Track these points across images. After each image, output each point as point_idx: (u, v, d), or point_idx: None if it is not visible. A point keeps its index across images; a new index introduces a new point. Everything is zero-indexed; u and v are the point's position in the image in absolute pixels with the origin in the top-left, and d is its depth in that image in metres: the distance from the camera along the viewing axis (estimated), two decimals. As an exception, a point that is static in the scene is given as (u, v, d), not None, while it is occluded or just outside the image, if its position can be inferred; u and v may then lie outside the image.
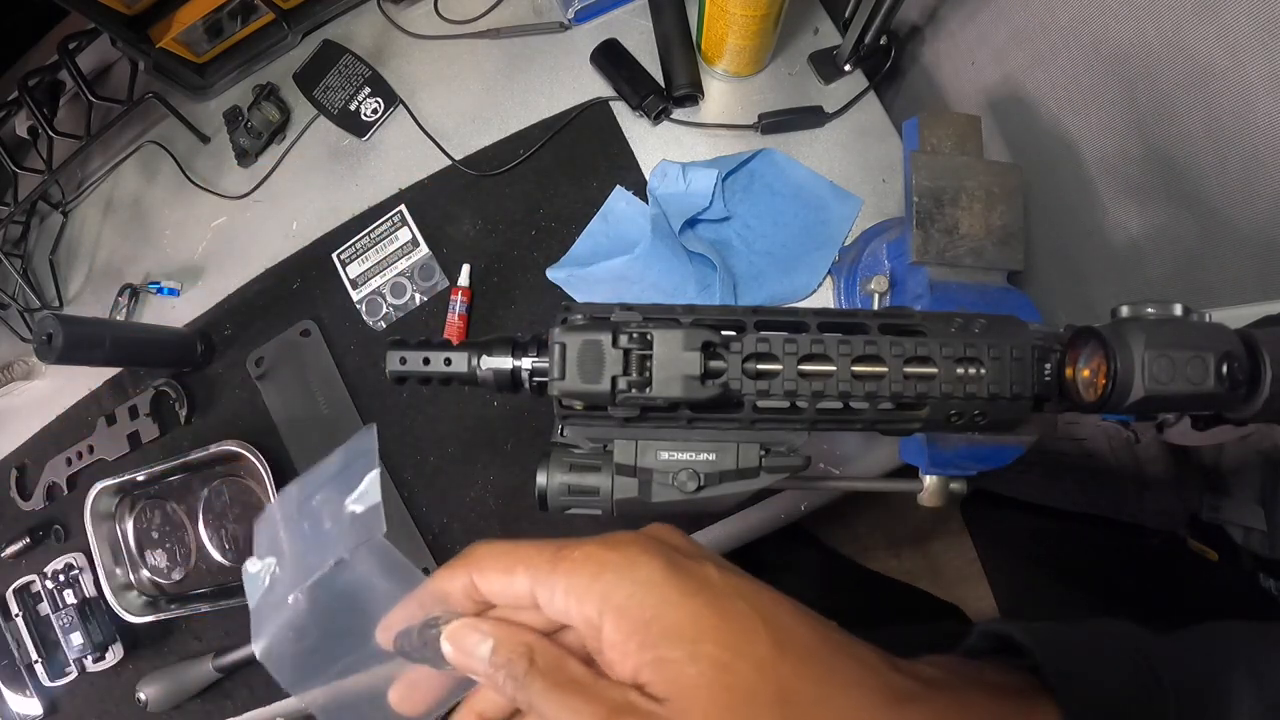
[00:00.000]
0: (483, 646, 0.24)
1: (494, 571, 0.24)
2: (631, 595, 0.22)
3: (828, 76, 0.70)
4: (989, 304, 0.46)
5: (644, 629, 0.21)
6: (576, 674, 0.23)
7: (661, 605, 0.22)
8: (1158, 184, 0.50)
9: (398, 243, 0.74)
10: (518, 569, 0.24)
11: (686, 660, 0.21)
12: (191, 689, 0.70)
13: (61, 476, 0.79)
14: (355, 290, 0.74)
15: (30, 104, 0.77)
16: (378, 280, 0.74)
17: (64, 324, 0.62)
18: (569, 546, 0.24)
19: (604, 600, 0.22)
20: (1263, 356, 0.26)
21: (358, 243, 0.75)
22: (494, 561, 0.25)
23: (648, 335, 0.28)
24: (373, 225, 0.75)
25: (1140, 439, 0.65)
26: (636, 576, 0.22)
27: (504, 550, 0.25)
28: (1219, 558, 0.64)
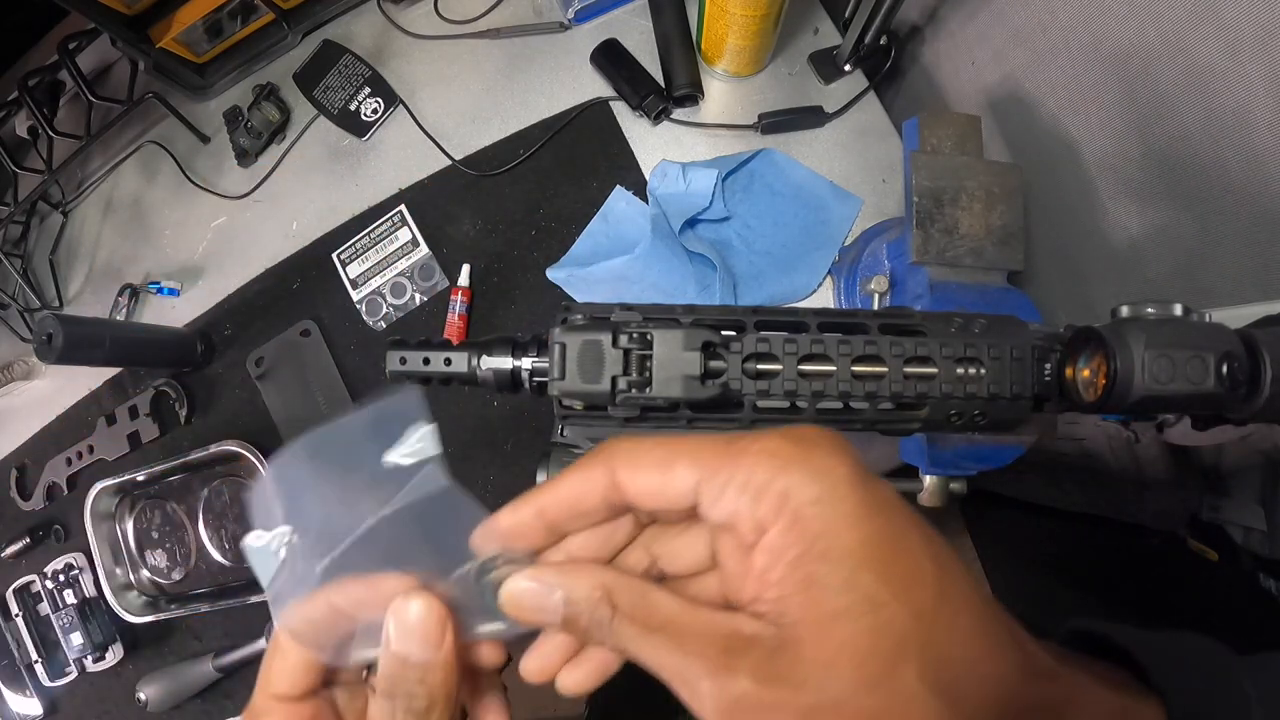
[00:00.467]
0: (553, 597, 0.21)
1: (649, 466, 0.21)
2: (814, 501, 0.19)
3: (828, 76, 0.70)
4: (989, 304, 0.46)
5: (810, 541, 0.19)
6: (669, 610, 0.20)
7: (835, 520, 0.19)
8: (1158, 184, 0.50)
9: (398, 243, 0.74)
10: (679, 463, 0.20)
11: (840, 587, 0.18)
12: (191, 689, 0.70)
13: (61, 476, 0.79)
14: (355, 290, 0.74)
15: (30, 104, 0.77)
16: (378, 280, 0.74)
17: (64, 324, 0.62)
18: (742, 439, 0.20)
19: (783, 501, 0.19)
20: (1263, 356, 0.26)
21: (358, 243, 0.75)
22: (647, 457, 0.21)
23: (648, 335, 0.28)
24: (373, 225, 0.75)
25: (1140, 439, 0.65)
26: (822, 482, 0.19)
27: (656, 444, 0.21)
28: (1219, 558, 0.64)
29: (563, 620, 0.21)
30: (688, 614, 0.20)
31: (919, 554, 0.19)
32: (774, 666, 0.18)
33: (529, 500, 0.22)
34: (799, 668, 0.18)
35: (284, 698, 0.25)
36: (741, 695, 0.18)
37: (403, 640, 0.22)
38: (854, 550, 0.19)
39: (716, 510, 0.20)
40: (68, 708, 0.77)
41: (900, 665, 0.18)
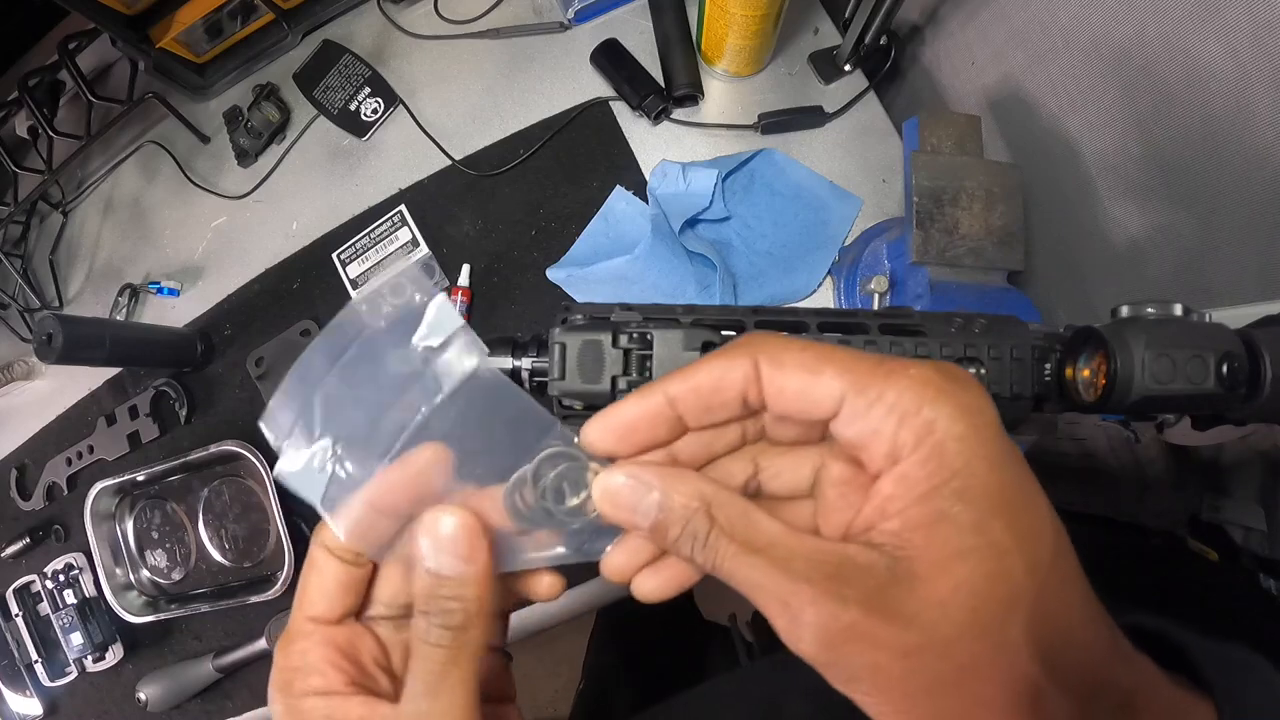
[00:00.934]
0: (648, 498, 0.20)
1: (795, 366, 0.20)
2: (959, 438, 0.18)
3: (828, 76, 0.70)
4: (989, 304, 0.46)
5: (948, 476, 0.18)
6: (771, 532, 0.19)
7: (976, 460, 0.18)
8: (1158, 183, 0.50)
9: (398, 243, 0.74)
10: (828, 369, 0.19)
11: (970, 529, 0.18)
12: (191, 689, 0.70)
13: (61, 476, 0.79)
14: (355, 290, 0.74)
15: (30, 104, 0.77)
16: (378, 280, 0.73)
17: (64, 324, 0.62)
18: (892, 361, 0.19)
19: (928, 431, 0.18)
20: (1263, 356, 0.26)
21: (358, 243, 0.75)
22: (797, 355, 0.20)
23: (648, 335, 0.28)
24: (373, 225, 0.75)
25: (1140, 439, 0.65)
26: (973, 419, 0.18)
27: (805, 345, 0.20)
28: (1219, 558, 0.64)
29: (653, 526, 0.20)
30: (793, 538, 0.19)
31: (1045, 512, 0.19)
32: (885, 599, 0.18)
33: (658, 387, 0.21)
34: (911, 603, 0.18)
35: (321, 620, 0.24)
36: (850, 625, 0.18)
37: (436, 555, 0.22)
38: (991, 494, 0.18)
39: (856, 427, 0.19)
40: (68, 708, 0.77)
41: (1011, 616, 0.18)
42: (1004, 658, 0.17)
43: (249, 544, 0.72)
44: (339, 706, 0.23)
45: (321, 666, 0.23)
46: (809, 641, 0.18)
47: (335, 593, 0.24)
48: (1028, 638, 0.18)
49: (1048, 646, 0.18)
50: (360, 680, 0.24)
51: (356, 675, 0.24)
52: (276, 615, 0.67)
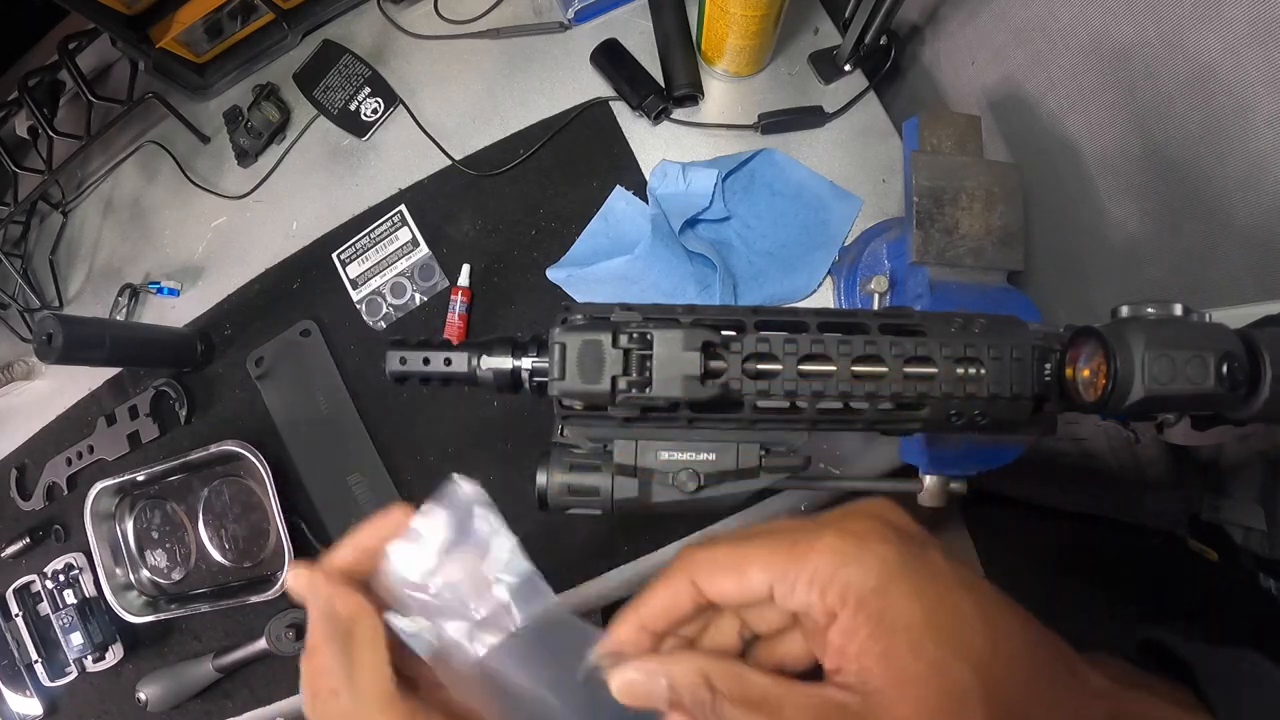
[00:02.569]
0: (659, 684, 0.25)
1: (724, 574, 0.25)
2: (874, 589, 0.22)
3: (828, 76, 0.70)
4: (989, 304, 0.46)
5: (877, 621, 0.22)
6: (763, 687, 0.24)
7: (897, 600, 0.22)
8: (1158, 184, 0.50)
9: (397, 243, 0.74)
10: (751, 568, 0.24)
11: (911, 656, 0.21)
12: (191, 689, 0.70)
13: (61, 476, 0.79)
14: (355, 290, 0.74)
15: (30, 104, 0.77)
16: (377, 280, 0.74)
17: (64, 324, 0.62)
18: (804, 537, 0.24)
19: (846, 591, 0.22)
20: (1263, 356, 0.26)
21: (357, 243, 0.75)
22: (723, 564, 0.25)
23: (648, 335, 0.28)
24: (372, 225, 0.75)
25: (1140, 439, 0.65)
26: (879, 570, 0.23)
27: (729, 552, 0.25)
28: (1219, 558, 0.64)
29: (672, 703, 0.24)
30: (781, 687, 0.23)
31: (969, 614, 0.22)
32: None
33: (630, 617, 0.27)
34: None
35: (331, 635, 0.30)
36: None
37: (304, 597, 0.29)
38: (916, 624, 0.22)
39: (790, 603, 0.24)
40: (68, 708, 0.77)
41: (970, 715, 0.21)
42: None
43: (249, 544, 0.72)
44: None
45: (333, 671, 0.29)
46: None
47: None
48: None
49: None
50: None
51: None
52: (276, 615, 0.67)
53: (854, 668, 0.22)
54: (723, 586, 0.25)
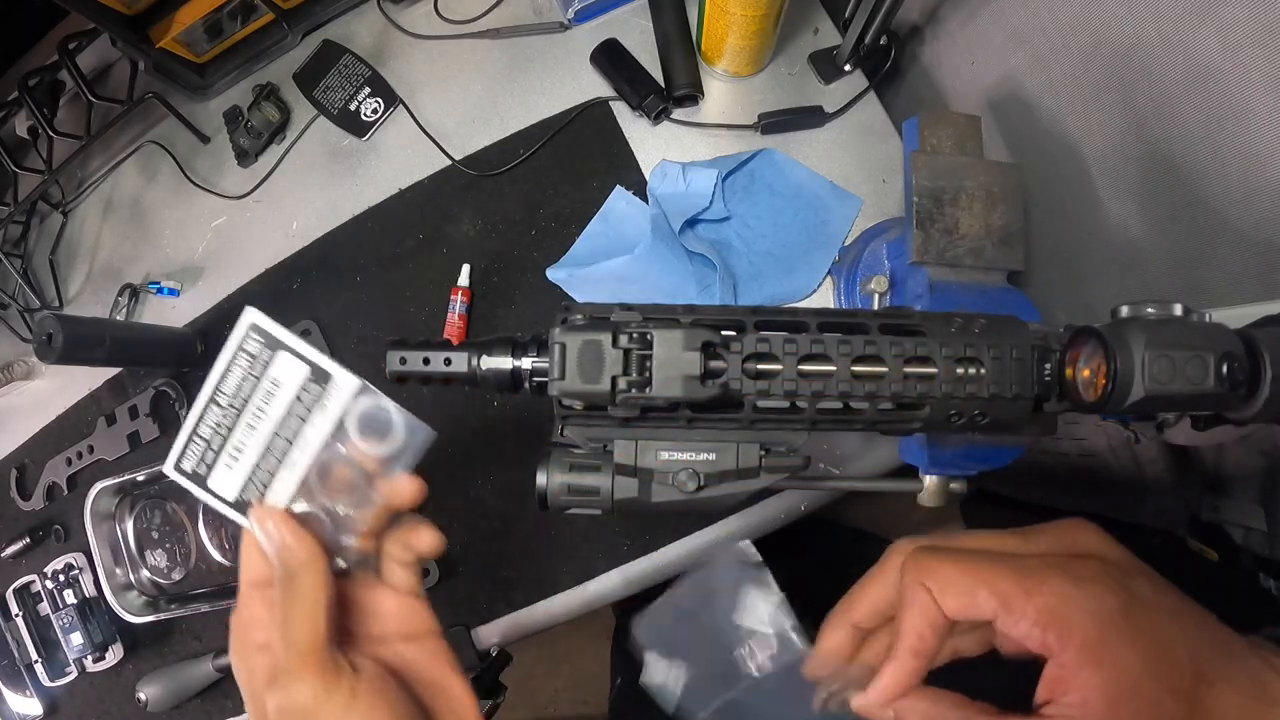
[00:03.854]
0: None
1: (956, 593, 0.26)
2: (1097, 637, 0.24)
3: (828, 76, 0.70)
4: (989, 304, 0.46)
5: (1098, 664, 0.24)
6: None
7: (1118, 645, 0.24)
8: (1158, 184, 0.50)
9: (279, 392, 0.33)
10: (981, 593, 0.26)
11: (1129, 697, 0.24)
12: (191, 689, 0.70)
13: (61, 476, 0.79)
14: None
15: (30, 104, 0.77)
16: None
17: (64, 324, 0.62)
18: (1031, 572, 0.26)
19: (1069, 633, 0.25)
20: (1263, 356, 0.26)
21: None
22: (955, 583, 0.27)
23: (648, 335, 0.28)
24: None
25: (1140, 439, 0.65)
26: (1102, 618, 0.25)
27: (963, 571, 0.27)
28: (1219, 558, 0.64)
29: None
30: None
31: (1178, 649, 0.25)
32: None
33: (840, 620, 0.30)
34: None
35: (258, 583, 0.31)
36: None
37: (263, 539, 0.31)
38: (1135, 668, 0.24)
39: (1013, 632, 0.26)
40: (68, 708, 0.77)
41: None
42: None
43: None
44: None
45: (264, 623, 0.30)
46: None
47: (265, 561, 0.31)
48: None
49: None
50: None
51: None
52: (276, 615, 0.67)
53: (1075, 701, 0.24)
54: (951, 604, 0.26)
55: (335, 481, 0.31)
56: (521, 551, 0.67)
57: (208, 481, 0.31)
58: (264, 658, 0.29)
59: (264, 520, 0.30)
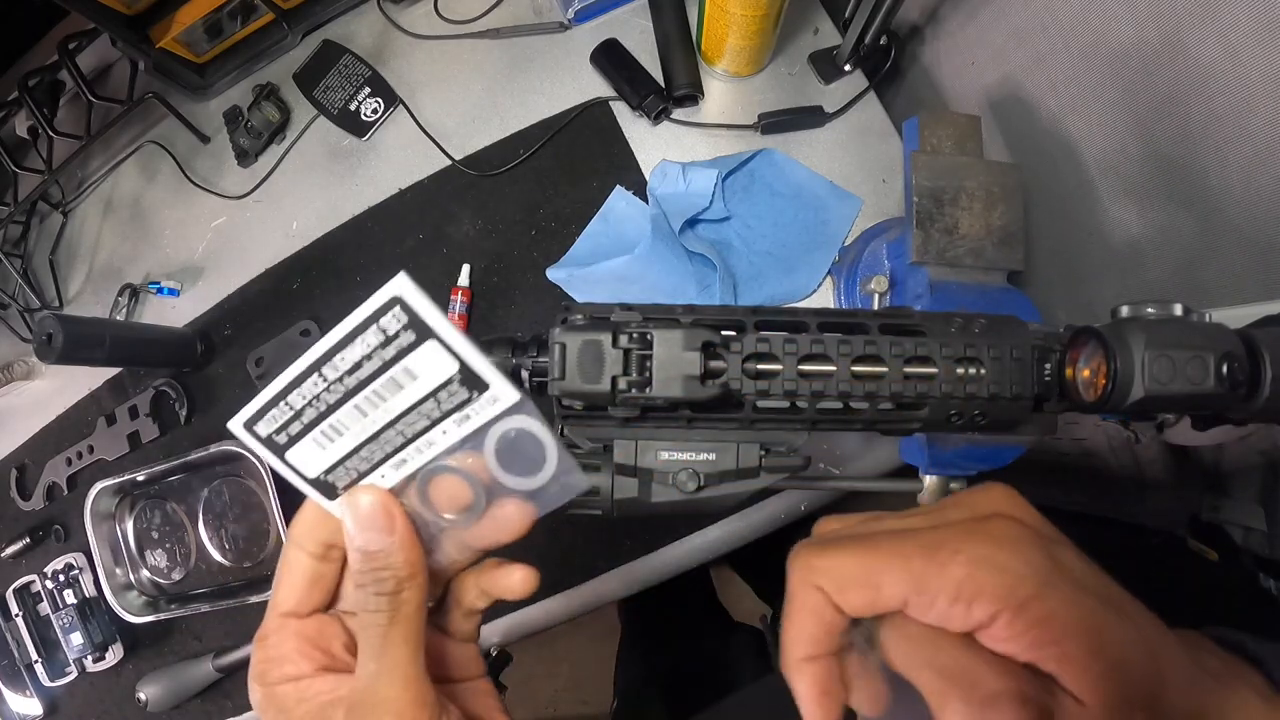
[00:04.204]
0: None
1: (855, 589, 0.23)
2: (1034, 595, 0.21)
3: (828, 76, 0.70)
4: (989, 304, 0.46)
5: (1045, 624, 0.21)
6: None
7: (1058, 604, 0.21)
8: (1158, 184, 0.50)
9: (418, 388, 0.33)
10: (885, 580, 0.22)
11: (1089, 659, 0.20)
12: (191, 689, 0.70)
13: (61, 476, 0.79)
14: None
15: (30, 104, 0.77)
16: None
17: (64, 324, 0.62)
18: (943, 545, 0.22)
19: (1002, 599, 0.21)
20: (1263, 356, 0.26)
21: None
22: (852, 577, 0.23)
23: (648, 335, 0.28)
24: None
25: (1140, 439, 0.65)
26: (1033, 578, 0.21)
27: (857, 562, 0.23)
28: (1219, 558, 0.64)
29: None
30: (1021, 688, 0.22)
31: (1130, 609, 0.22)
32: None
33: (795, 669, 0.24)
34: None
35: (291, 614, 0.27)
36: None
37: (360, 533, 0.25)
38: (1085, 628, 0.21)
39: (926, 616, 0.22)
40: (68, 708, 0.77)
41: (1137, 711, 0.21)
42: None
43: (249, 544, 0.72)
44: (308, 687, 0.26)
45: (294, 656, 0.26)
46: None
47: (304, 589, 0.27)
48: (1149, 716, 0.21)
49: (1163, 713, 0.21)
50: (329, 665, 0.27)
51: (326, 661, 0.27)
52: (276, 615, 0.67)
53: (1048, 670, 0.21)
54: (853, 601, 0.23)
55: (439, 494, 0.26)
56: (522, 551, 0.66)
57: (286, 453, 0.25)
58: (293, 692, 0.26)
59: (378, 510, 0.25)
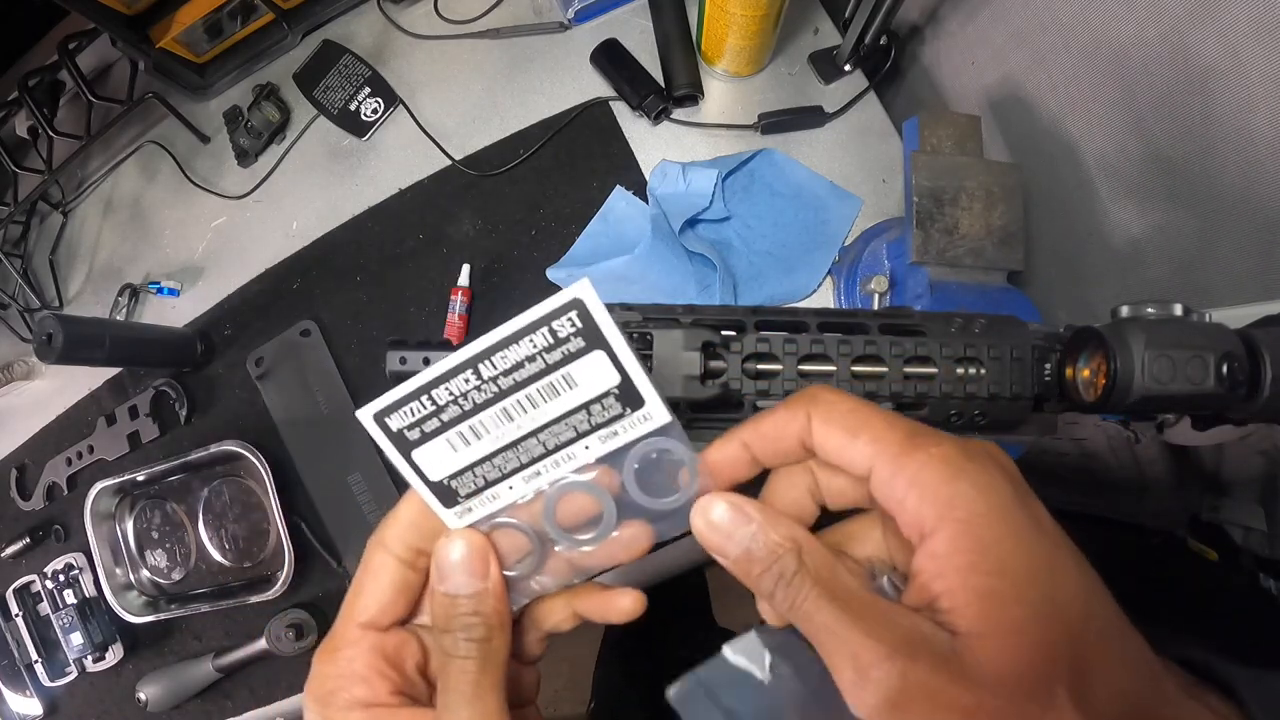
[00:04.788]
0: (744, 529, 0.22)
1: (837, 428, 0.22)
2: (981, 515, 0.19)
3: (828, 76, 0.70)
4: (989, 304, 0.46)
5: (981, 552, 0.19)
6: (851, 587, 0.21)
7: (1004, 536, 0.19)
8: (1158, 184, 0.50)
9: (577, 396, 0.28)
10: (863, 435, 0.21)
11: (1014, 603, 0.19)
12: (191, 689, 0.70)
13: (61, 476, 0.79)
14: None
15: (30, 104, 0.77)
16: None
17: (64, 324, 0.62)
18: (922, 436, 0.21)
19: (949, 508, 0.19)
20: (1263, 356, 0.26)
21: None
22: (840, 417, 0.22)
23: (648, 335, 0.28)
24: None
25: (1140, 439, 0.65)
26: (990, 498, 0.20)
27: (852, 408, 0.22)
28: (1219, 558, 0.64)
29: (741, 555, 0.22)
30: (870, 597, 0.21)
31: (1072, 576, 0.20)
32: (949, 664, 0.19)
33: (734, 435, 0.23)
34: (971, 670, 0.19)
35: (372, 626, 0.24)
36: (918, 683, 0.19)
37: (449, 578, 0.24)
38: (1021, 569, 0.19)
39: (884, 494, 0.21)
40: (68, 708, 0.77)
41: (1056, 682, 0.19)
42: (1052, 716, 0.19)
43: (249, 544, 0.72)
44: (382, 717, 0.23)
45: (368, 675, 0.24)
46: (873, 696, 0.19)
47: (391, 596, 0.25)
48: (1072, 696, 0.19)
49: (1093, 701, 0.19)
50: (404, 689, 0.24)
51: (401, 684, 0.24)
52: (276, 615, 0.67)
53: (946, 604, 0.19)
54: (829, 440, 0.22)
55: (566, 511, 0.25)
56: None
57: (413, 451, 0.24)
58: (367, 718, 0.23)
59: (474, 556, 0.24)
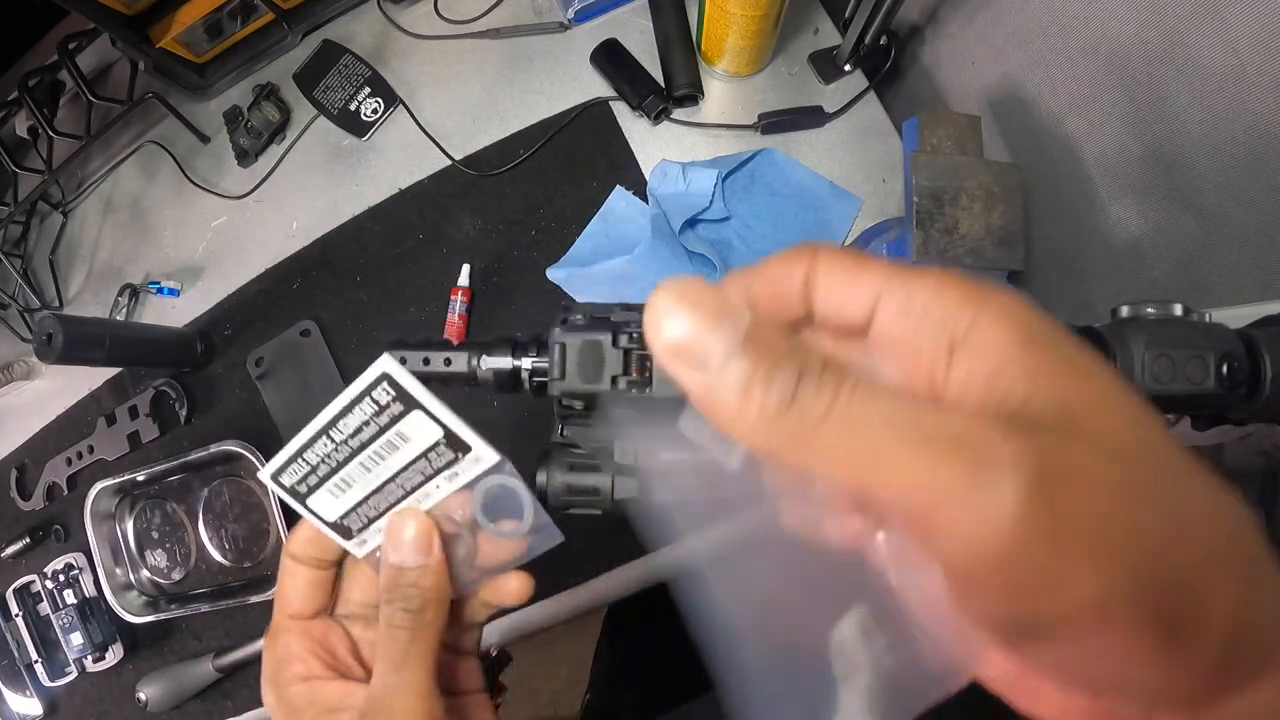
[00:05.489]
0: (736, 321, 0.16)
1: (842, 269, 0.18)
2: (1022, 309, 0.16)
3: (828, 76, 0.70)
4: (989, 304, 0.46)
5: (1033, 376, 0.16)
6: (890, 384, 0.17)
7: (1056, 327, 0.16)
8: (1158, 184, 0.50)
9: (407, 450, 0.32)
10: (866, 271, 0.18)
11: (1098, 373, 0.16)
12: (191, 689, 0.70)
13: (61, 476, 0.79)
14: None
15: (30, 104, 0.77)
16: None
17: (64, 324, 0.62)
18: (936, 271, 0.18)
19: (984, 300, 0.16)
20: (1262, 356, 0.26)
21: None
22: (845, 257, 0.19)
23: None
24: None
25: (1140, 439, 0.65)
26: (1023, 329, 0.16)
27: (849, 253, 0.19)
28: (1219, 557, 0.64)
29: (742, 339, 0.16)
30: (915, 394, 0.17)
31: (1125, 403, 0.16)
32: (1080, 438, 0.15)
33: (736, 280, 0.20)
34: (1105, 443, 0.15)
35: (298, 615, 0.29)
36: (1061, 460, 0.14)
37: (398, 551, 0.27)
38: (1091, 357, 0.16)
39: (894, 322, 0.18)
40: (68, 708, 0.77)
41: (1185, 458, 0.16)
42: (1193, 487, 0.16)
43: (249, 544, 0.72)
44: (319, 690, 0.27)
45: (303, 655, 0.28)
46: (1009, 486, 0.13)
47: (307, 591, 0.29)
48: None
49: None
50: (336, 666, 0.28)
51: (333, 662, 0.28)
52: (276, 615, 0.67)
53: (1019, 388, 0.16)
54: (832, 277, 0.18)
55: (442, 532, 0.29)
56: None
57: (307, 500, 0.29)
58: (305, 692, 0.27)
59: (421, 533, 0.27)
